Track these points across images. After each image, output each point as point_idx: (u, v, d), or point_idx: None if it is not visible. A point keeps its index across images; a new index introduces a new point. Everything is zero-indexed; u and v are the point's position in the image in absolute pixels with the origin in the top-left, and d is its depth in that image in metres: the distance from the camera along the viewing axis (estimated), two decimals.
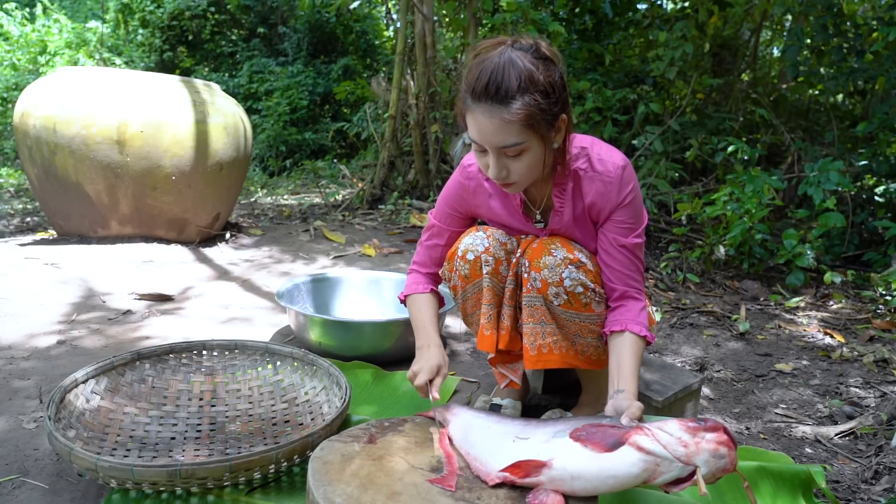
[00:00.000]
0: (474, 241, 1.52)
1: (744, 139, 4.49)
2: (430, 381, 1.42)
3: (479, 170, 1.51)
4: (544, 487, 1.07)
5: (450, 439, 1.28)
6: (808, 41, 4.55)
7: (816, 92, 5.23)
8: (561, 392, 1.90)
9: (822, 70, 4.62)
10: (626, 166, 1.39)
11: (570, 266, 1.41)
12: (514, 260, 1.50)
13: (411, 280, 1.66)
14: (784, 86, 5.57)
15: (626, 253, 1.41)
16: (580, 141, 1.43)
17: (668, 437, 1.03)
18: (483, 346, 1.55)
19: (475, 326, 1.60)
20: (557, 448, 1.10)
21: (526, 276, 1.46)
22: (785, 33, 5.94)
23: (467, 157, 1.56)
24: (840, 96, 5.57)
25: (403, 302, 1.66)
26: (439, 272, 1.64)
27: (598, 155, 1.40)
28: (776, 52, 6.50)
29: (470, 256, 1.51)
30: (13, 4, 10.54)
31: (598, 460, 1.05)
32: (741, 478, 1.05)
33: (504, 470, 1.11)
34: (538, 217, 1.52)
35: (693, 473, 1.02)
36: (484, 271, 1.51)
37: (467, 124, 1.30)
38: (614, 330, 1.39)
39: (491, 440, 1.21)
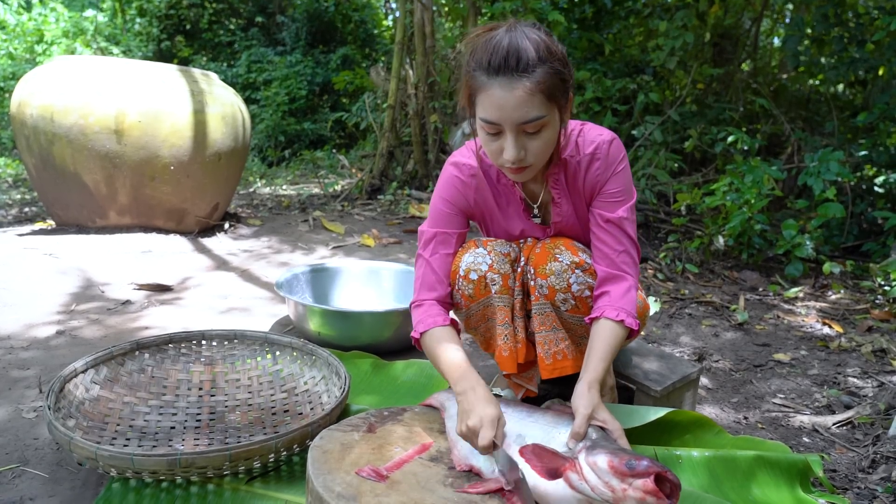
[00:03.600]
0: (476, 260, 1.43)
1: (744, 129, 4.48)
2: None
3: (477, 166, 1.44)
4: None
5: (443, 421, 1.30)
6: (809, 31, 4.53)
7: (817, 82, 5.21)
8: (560, 382, 1.90)
9: (822, 60, 4.61)
10: (613, 140, 1.38)
11: (576, 270, 1.39)
12: (519, 269, 1.46)
13: (423, 313, 1.40)
14: (784, 75, 5.55)
15: (613, 229, 1.37)
16: (569, 126, 1.39)
17: (596, 479, 1.04)
18: (505, 367, 1.49)
19: (481, 337, 1.55)
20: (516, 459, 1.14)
21: (532, 283, 1.42)
22: (786, 20, 5.91)
23: (457, 155, 1.48)
24: (840, 86, 5.55)
25: (417, 342, 1.41)
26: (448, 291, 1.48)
27: (585, 137, 1.38)
28: (777, 42, 6.47)
29: (474, 276, 1.42)
30: None
31: (540, 482, 1.10)
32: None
33: (465, 490, 1.10)
34: (536, 212, 1.48)
35: None
36: (493, 290, 1.43)
37: (478, 105, 1.21)
38: (593, 317, 1.34)
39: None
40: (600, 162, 1.37)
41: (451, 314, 1.48)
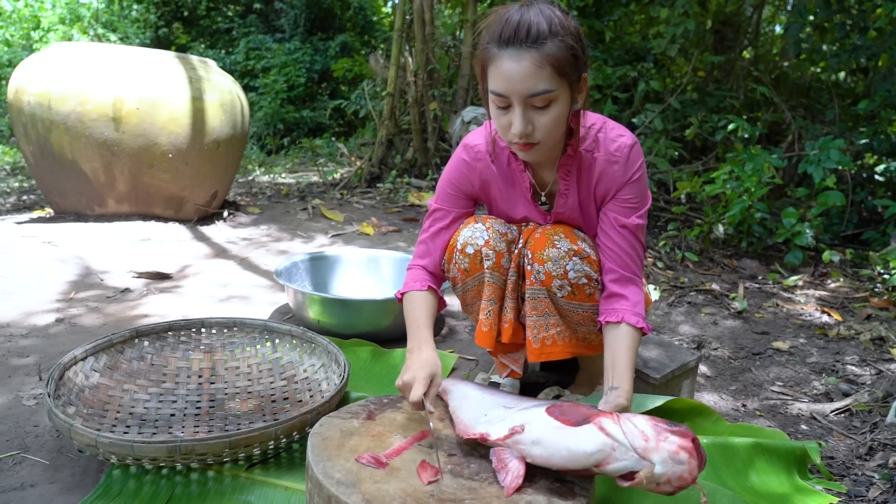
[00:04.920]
0: (473, 234, 1.46)
1: (744, 117, 4.46)
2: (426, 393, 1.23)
3: (486, 150, 1.45)
4: (508, 448, 1.09)
5: (446, 406, 1.30)
6: (811, 18, 4.50)
7: (818, 69, 5.19)
8: (558, 370, 1.91)
9: (824, 47, 4.58)
10: (634, 145, 1.36)
11: (574, 258, 1.39)
12: (516, 251, 1.47)
13: (409, 277, 1.52)
14: (786, 63, 5.53)
15: (627, 234, 1.37)
16: (590, 119, 1.39)
17: (633, 427, 1.03)
18: (481, 341, 1.52)
19: (475, 315, 1.56)
20: (531, 417, 1.12)
21: (529, 268, 1.43)
22: (788, 7, 5.87)
23: (470, 136, 1.50)
24: (842, 74, 5.52)
25: (400, 300, 1.52)
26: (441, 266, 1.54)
27: (606, 134, 1.37)
28: (778, 29, 6.43)
29: (469, 250, 1.45)
30: None
31: (560, 431, 1.06)
32: (701, 492, 1.03)
33: (473, 437, 1.13)
34: (543, 199, 1.48)
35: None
36: (485, 266, 1.46)
37: (489, 78, 1.22)
38: (610, 320, 1.34)
39: (479, 407, 1.23)
40: (619, 166, 1.35)
41: (444, 287, 1.57)
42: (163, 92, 3.29)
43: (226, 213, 3.91)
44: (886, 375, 2.06)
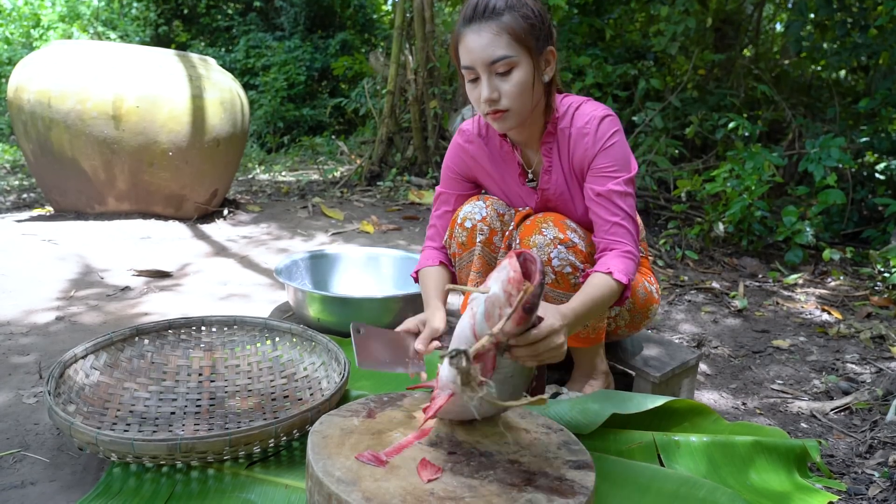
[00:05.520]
0: (473, 210, 1.54)
1: (745, 115, 4.46)
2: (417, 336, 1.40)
3: (478, 133, 1.54)
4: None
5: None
6: (812, 16, 4.50)
7: (819, 68, 5.18)
8: (557, 368, 1.91)
9: (825, 45, 4.57)
10: (606, 117, 1.40)
11: (559, 246, 1.41)
12: (508, 232, 1.51)
13: (422, 257, 1.65)
14: (786, 61, 5.52)
15: (604, 202, 1.39)
16: (570, 100, 1.45)
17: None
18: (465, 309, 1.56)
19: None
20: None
21: None
22: (788, 5, 5.86)
23: (464, 123, 1.58)
24: (843, 72, 5.52)
25: (416, 280, 1.65)
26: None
27: (581, 110, 1.42)
28: (779, 28, 6.42)
29: (468, 224, 1.53)
30: None
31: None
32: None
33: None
34: (531, 176, 1.53)
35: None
36: (477, 240, 1.52)
37: (459, 55, 1.32)
38: (580, 282, 1.39)
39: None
40: (588, 138, 1.40)
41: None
42: (163, 90, 3.28)
43: (226, 212, 3.91)
44: (886, 374, 2.06)
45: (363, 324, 1.40)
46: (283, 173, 6.22)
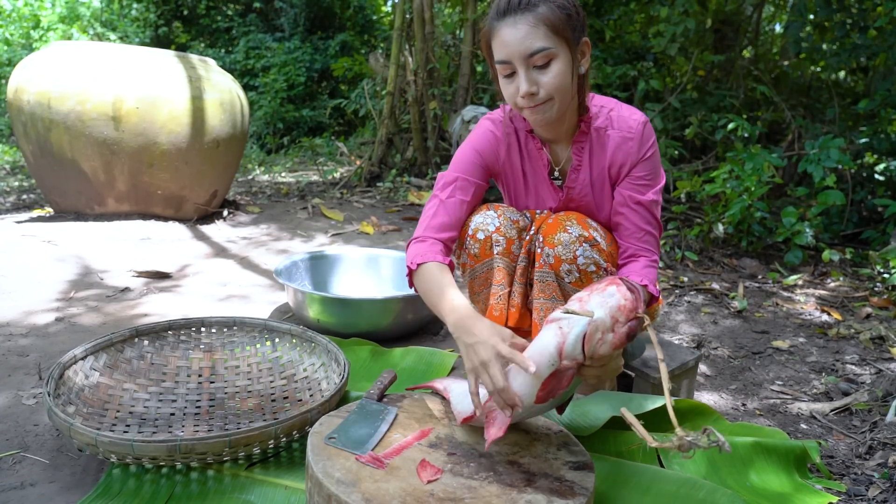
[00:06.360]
0: (485, 220, 1.48)
1: (744, 116, 4.46)
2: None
3: (508, 122, 1.49)
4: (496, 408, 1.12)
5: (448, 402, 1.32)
6: (811, 17, 4.50)
7: (818, 69, 5.19)
8: None
9: (824, 46, 4.58)
10: (647, 122, 1.42)
11: (584, 244, 1.40)
12: (528, 237, 1.48)
13: (424, 248, 1.40)
14: (786, 62, 5.52)
15: (642, 210, 1.42)
16: (601, 101, 1.44)
17: (570, 301, 1.08)
18: None
19: (482, 305, 1.56)
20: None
21: (539, 251, 1.45)
22: (788, 6, 5.87)
23: (492, 114, 1.54)
24: (842, 73, 5.52)
25: (411, 273, 1.41)
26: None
27: (619, 113, 1.42)
28: (779, 28, 6.43)
29: (480, 236, 1.48)
30: None
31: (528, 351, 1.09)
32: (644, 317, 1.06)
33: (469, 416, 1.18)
34: (556, 174, 1.50)
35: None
36: (495, 251, 1.48)
37: (493, 50, 1.30)
38: None
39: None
40: (633, 142, 1.40)
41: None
42: (162, 91, 3.29)
43: (225, 213, 3.91)
44: (886, 374, 2.06)
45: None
46: (283, 174, 6.22)
